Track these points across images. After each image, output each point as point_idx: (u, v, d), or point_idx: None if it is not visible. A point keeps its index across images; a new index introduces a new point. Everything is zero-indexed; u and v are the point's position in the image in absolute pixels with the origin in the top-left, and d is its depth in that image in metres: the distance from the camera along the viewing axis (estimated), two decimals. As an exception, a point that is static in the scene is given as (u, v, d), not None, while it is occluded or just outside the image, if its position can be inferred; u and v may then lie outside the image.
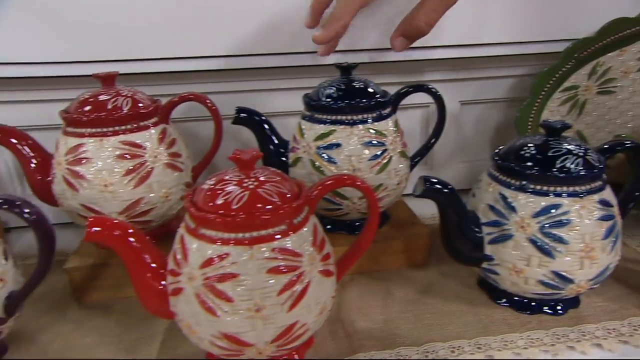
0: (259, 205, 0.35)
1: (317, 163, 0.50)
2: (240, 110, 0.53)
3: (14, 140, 0.49)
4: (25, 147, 0.50)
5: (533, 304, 0.46)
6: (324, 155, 0.50)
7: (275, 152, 0.53)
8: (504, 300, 0.47)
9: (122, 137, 0.47)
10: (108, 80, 0.50)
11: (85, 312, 0.49)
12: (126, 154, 0.47)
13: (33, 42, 0.56)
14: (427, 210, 0.64)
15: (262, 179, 0.36)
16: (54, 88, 0.60)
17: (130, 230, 0.36)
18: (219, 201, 0.35)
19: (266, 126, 0.54)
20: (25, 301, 0.40)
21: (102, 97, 0.48)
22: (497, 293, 0.48)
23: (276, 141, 0.54)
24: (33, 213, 0.37)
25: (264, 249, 0.34)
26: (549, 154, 0.42)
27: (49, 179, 0.50)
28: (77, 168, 0.47)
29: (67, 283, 0.50)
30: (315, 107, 0.51)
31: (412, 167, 0.56)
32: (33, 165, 0.50)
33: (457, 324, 0.45)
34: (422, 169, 0.73)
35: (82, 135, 0.47)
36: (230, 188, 0.35)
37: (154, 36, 0.58)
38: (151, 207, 0.49)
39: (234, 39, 0.59)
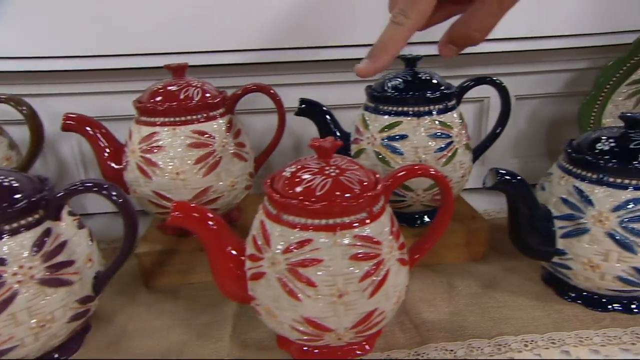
0: (341, 192, 0.35)
1: (382, 154, 0.50)
2: (303, 101, 0.54)
3: (88, 129, 0.51)
4: (99, 136, 0.52)
5: (604, 300, 0.45)
6: (389, 146, 0.50)
7: (337, 143, 0.54)
8: (574, 295, 0.46)
9: (193, 127, 0.48)
10: (179, 71, 0.51)
11: (154, 296, 0.50)
12: (197, 143, 0.48)
13: (107, 36, 0.58)
14: (480, 205, 0.63)
15: (343, 166, 0.37)
16: (113, 80, 0.62)
17: (210, 215, 0.37)
18: (302, 188, 0.35)
19: (328, 117, 0.54)
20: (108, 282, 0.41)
21: (174, 88, 0.49)
22: (565, 288, 0.47)
23: (338, 133, 0.54)
24: (120, 196, 0.38)
25: (347, 235, 0.34)
26: (631, 146, 0.41)
27: (120, 166, 0.52)
28: (151, 156, 0.48)
29: (137, 267, 0.52)
30: (379, 99, 0.51)
31: (473, 160, 0.56)
32: (106, 153, 0.52)
33: (525, 318, 0.44)
34: (475, 164, 0.72)
35: (155, 124, 0.48)
36: (312, 175, 0.36)
37: (218, 29, 0.59)
38: (218, 196, 0.50)
39: (289, 31, 0.60)
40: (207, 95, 0.50)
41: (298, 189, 0.35)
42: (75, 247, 0.39)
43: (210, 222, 0.37)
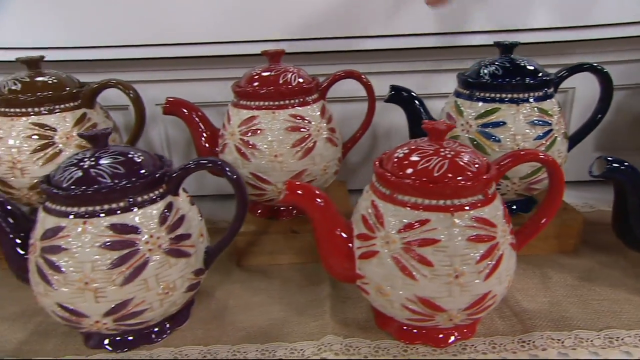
0: (457, 174, 0.35)
1: (477, 141, 0.50)
2: (393, 88, 0.54)
3: (185, 111, 0.53)
4: (196, 119, 0.54)
5: None
6: (485, 133, 0.49)
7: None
8: (683, 292, 0.45)
9: (291, 111, 0.50)
10: (276, 57, 0.52)
11: (247, 274, 0.52)
12: (294, 126, 0.50)
13: (209, 22, 0.60)
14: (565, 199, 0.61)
15: (456, 149, 0.37)
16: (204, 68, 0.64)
17: (319, 192, 0.38)
18: (417, 168, 0.36)
19: (417, 103, 0.54)
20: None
21: (272, 73, 0.51)
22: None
23: (426, 119, 0.54)
24: (234, 172, 0.40)
25: (465, 216, 0.34)
26: None
27: (217, 149, 0.54)
28: (250, 138, 0.50)
29: (230, 247, 0.54)
30: (475, 85, 0.50)
31: (568, 149, 0.54)
32: (204, 137, 0.54)
33: (631, 312, 0.43)
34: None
35: (255, 108, 0.50)
36: (428, 157, 0.36)
37: (313, 17, 0.60)
38: (312, 179, 0.52)
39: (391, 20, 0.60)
40: (303, 80, 0.51)
41: (412, 170, 0.36)
42: (191, 222, 0.41)
43: (319, 200, 0.38)
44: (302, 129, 0.50)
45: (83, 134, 0.38)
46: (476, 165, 0.36)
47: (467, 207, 0.35)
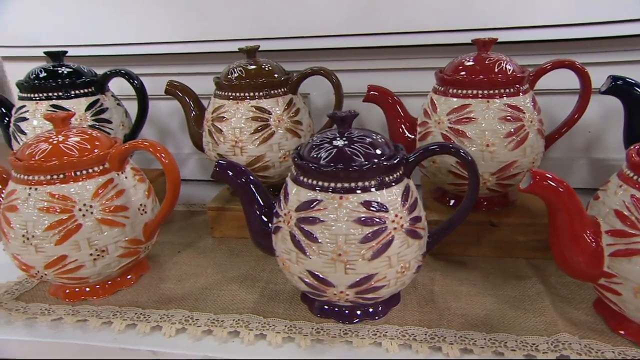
0: None
1: None
2: (614, 78, 0.50)
3: (388, 99, 0.55)
4: (397, 107, 0.55)
5: None
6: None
7: None
8: None
9: (505, 100, 0.49)
10: (487, 45, 0.51)
11: (444, 263, 0.52)
12: (509, 116, 0.48)
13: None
14: None
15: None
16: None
17: (565, 184, 0.37)
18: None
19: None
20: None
21: (487, 62, 0.50)
22: None
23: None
24: (467, 155, 0.40)
25: None
26: None
27: (413, 137, 0.54)
28: (461, 127, 0.49)
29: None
30: None
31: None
32: (403, 125, 0.55)
33: None
34: None
35: (468, 97, 0.49)
36: None
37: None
38: (519, 172, 0.50)
39: None
40: (516, 70, 0.50)
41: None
42: (420, 205, 0.41)
43: (564, 191, 0.37)
44: (516, 120, 0.49)
45: (335, 114, 0.40)
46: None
47: None
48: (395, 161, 0.39)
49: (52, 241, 0.42)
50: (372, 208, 0.37)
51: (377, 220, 0.37)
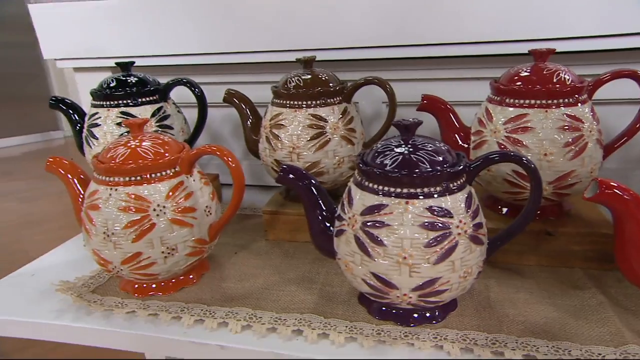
0: None
1: None
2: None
3: (442, 107, 0.56)
4: (450, 116, 0.56)
5: None
6: None
7: None
8: None
9: (564, 110, 0.49)
10: (544, 56, 0.52)
11: (498, 271, 0.52)
12: (568, 126, 0.49)
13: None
14: None
15: None
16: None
17: (633, 193, 0.37)
18: None
19: None
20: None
21: (545, 72, 0.50)
22: None
23: None
24: (530, 162, 0.41)
25: None
26: None
27: (467, 146, 0.55)
28: (518, 136, 0.50)
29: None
30: None
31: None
32: (456, 134, 0.56)
33: None
34: None
35: (525, 107, 0.50)
36: None
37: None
38: (576, 182, 0.50)
39: None
40: (575, 80, 0.50)
41: None
42: (482, 211, 0.42)
43: (631, 200, 0.37)
44: (575, 129, 0.49)
45: (399, 123, 0.42)
46: None
47: None
48: (459, 168, 0.40)
49: (129, 238, 0.45)
50: (437, 213, 0.39)
51: (442, 225, 0.39)
